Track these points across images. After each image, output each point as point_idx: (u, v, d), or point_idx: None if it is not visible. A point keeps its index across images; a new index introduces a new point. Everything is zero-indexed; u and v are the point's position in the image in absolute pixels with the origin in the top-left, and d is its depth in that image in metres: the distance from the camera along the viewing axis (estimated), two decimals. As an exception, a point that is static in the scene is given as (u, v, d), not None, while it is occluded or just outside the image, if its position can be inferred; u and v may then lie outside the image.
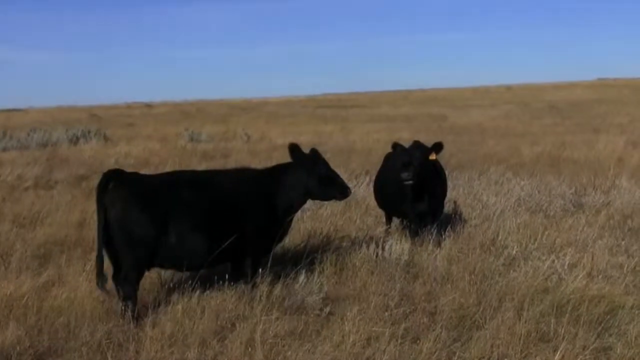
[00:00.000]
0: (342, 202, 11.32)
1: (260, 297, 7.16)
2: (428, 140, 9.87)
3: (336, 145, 22.97)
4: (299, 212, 8.57)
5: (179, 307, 7.00)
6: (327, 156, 8.28)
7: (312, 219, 10.93)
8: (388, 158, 10.91)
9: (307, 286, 7.63)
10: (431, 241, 9.23)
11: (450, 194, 11.98)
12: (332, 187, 8.06)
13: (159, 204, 7.17)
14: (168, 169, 14.00)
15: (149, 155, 21.56)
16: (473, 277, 7.83)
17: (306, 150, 8.12)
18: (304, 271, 7.95)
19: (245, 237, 7.48)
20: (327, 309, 7.15)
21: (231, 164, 17.02)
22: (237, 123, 36.21)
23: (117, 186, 7.12)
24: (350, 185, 8.49)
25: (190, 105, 69.86)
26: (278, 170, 8.08)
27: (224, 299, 7.19)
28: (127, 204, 7.07)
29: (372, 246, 8.91)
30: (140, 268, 7.18)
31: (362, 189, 13.40)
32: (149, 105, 74.71)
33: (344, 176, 8.65)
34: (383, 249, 8.90)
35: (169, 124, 37.62)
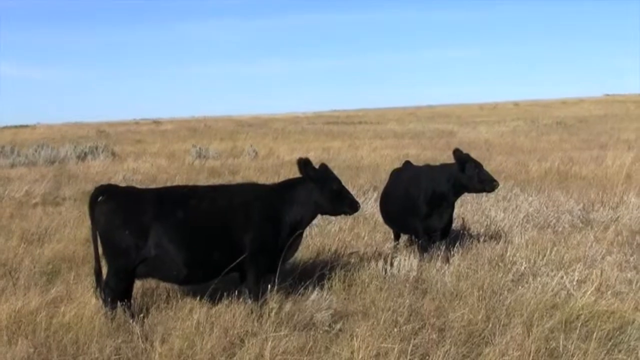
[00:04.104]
0: (350, 218, 11.38)
1: (269, 313, 7.14)
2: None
3: (344, 161, 22.98)
4: (308, 228, 8.57)
5: (188, 323, 6.99)
6: (335, 172, 8.28)
7: (320, 235, 10.94)
8: (395, 174, 10.92)
9: (316, 302, 7.63)
10: (440, 257, 9.24)
11: (458, 210, 11.98)
12: (342, 202, 8.08)
13: (141, 216, 7.33)
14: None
15: (157, 171, 21.57)
16: (482, 293, 7.80)
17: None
18: (312, 287, 7.95)
19: (244, 253, 7.49)
20: (336, 325, 7.14)
21: (239, 180, 17.00)
22: (245, 140, 36.21)
23: (104, 199, 7.52)
24: (358, 201, 8.50)
25: (198, 122, 69.89)
26: (288, 186, 8.09)
27: (233, 315, 7.17)
28: (109, 216, 7.42)
29: (381, 262, 8.92)
30: (120, 276, 7.39)
31: (370, 205, 13.41)
32: (156, 122, 75.06)
33: (352, 192, 8.65)
34: (391, 265, 8.91)
35: (176, 140, 37.67)
